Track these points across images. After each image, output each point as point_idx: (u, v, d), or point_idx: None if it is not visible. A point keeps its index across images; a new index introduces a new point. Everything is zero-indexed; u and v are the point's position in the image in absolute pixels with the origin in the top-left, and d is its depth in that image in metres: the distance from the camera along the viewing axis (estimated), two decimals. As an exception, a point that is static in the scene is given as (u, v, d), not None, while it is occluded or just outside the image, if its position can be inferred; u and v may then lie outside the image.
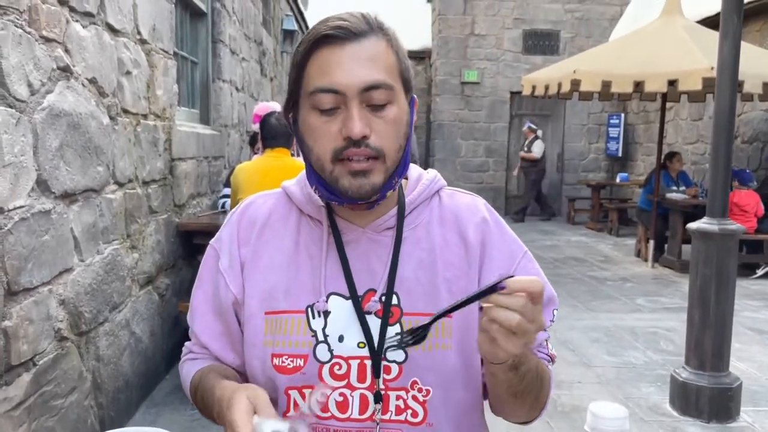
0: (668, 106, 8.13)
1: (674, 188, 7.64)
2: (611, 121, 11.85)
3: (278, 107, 3.62)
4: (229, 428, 0.80)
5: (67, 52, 2.39)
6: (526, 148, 11.19)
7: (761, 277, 6.85)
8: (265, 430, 0.78)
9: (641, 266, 7.61)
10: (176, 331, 3.96)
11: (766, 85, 6.03)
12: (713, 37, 5.90)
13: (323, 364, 0.97)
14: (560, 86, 6.81)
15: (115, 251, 2.93)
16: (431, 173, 1.09)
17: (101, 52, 2.73)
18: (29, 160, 2.12)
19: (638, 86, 6.37)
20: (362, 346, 0.97)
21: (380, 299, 0.98)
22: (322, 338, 0.97)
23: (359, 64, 0.90)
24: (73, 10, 2.44)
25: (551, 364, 1.07)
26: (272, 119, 3.42)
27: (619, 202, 10.93)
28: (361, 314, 0.97)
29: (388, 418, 0.96)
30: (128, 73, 3.07)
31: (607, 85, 6.41)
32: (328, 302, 0.98)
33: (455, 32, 12.03)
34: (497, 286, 0.78)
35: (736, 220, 4.65)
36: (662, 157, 7.66)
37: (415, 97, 1.00)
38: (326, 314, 0.98)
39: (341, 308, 0.98)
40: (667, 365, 4.11)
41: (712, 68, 5.48)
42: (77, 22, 2.49)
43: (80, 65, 2.52)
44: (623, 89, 6.48)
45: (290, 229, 1.04)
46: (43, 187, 2.22)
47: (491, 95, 12.11)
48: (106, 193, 2.82)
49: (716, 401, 3.32)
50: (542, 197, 11.76)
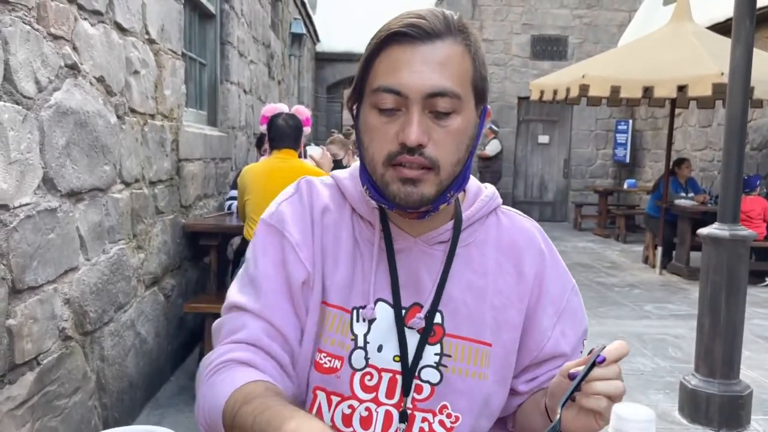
0: (677, 112, 8.09)
1: (683, 195, 7.60)
2: (619, 127, 11.81)
3: (286, 109, 3.61)
4: None
5: (75, 50, 2.39)
6: (483, 147, 11.05)
7: (770, 285, 6.80)
8: None
9: (649, 273, 7.57)
10: (181, 332, 3.94)
11: (776, 91, 5.99)
12: (723, 42, 5.88)
13: (356, 371, 0.92)
14: (568, 91, 6.78)
15: (120, 251, 2.92)
16: (490, 189, 1.04)
17: (109, 50, 2.72)
18: (35, 157, 2.10)
19: (647, 92, 6.34)
20: (397, 360, 0.93)
21: (425, 317, 0.93)
22: (361, 344, 0.93)
23: (428, 67, 0.85)
24: (81, 8, 2.43)
25: None
26: (279, 120, 3.41)
27: (626, 208, 10.88)
28: (401, 327, 0.93)
29: None
30: (136, 72, 3.06)
31: (615, 90, 6.37)
32: (375, 308, 0.93)
33: (463, 37, 12.01)
34: (596, 360, 0.79)
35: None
36: (671, 163, 7.62)
37: (488, 107, 0.95)
38: (371, 321, 0.93)
39: (386, 317, 0.94)
40: (675, 372, 4.07)
41: (722, 74, 5.46)
42: (85, 20, 2.48)
43: (88, 63, 2.51)
44: (632, 94, 6.45)
45: (346, 222, 0.98)
46: (49, 185, 2.20)
47: (499, 100, 12.09)
48: (112, 192, 2.80)
49: (726, 409, 3.27)
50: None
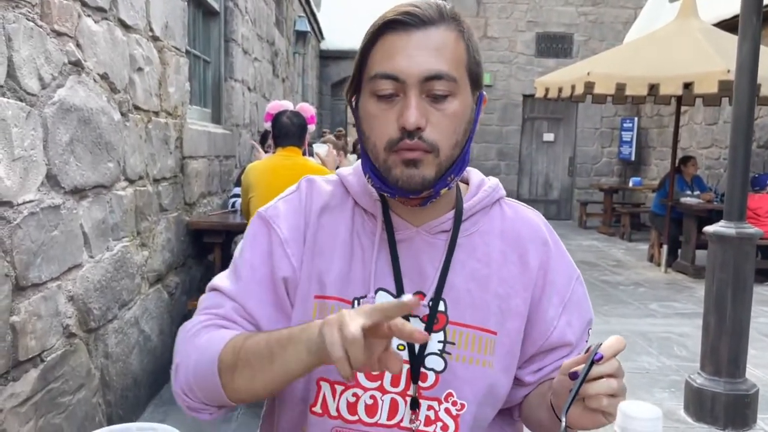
0: (683, 110, 8.06)
1: (688, 193, 7.56)
2: (624, 124, 11.76)
3: (291, 106, 3.60)
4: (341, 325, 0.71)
5: (78, 46, 2.38)
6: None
7: (776, 283, 6.76)
8: None
9: (654, 271, 7.54)
10: (185, 330, 3.94)
11: (783, 88, 5.95)
12: (730, 39, 5.84)
13: None
14: (573, 89, 6.75)
15: (124, 248, 2.91)
16: (493, 181, 1.05)
17: (113, 47, 2.72)
18: (39, 154, 2.10)
19: (653, 89, 6.31)
20: (402, 348, 0.94)
21: (429, 304, 0.94)
22: None
23: (424, 52, 0.87)
24: (85, 4, 2.43)
25: None
26: (284, 118, 3.40)
27: (631, 206, 10.84)
28: (405, 316, 0.92)
29: (417, 427, 0.93)
30: (140, 69, 3.06)
31: (621, 87, 6.34)
32: (376, 298, 0.94)
33: (468, 35, 11.98)
34: (594, 359, 0.78)
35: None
36: (677, 161, 7.59)
37: (484, 94, 0.96)
38: None
39: None
40: (681, 371, 4.06)
41: (728, 71, 5.43)
42: (89, 17, 2.48)
43: (92, 60, 2.50)
44: (637, 92, 6.42)
45: (346, 217, 1.00)
46: (52, 181, 2.20)
47: (504, 98, 12.06)
48: (116, 189, 2.80)
49: (732, 408, 3.26)
50: None
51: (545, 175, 12.42)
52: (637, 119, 11.53)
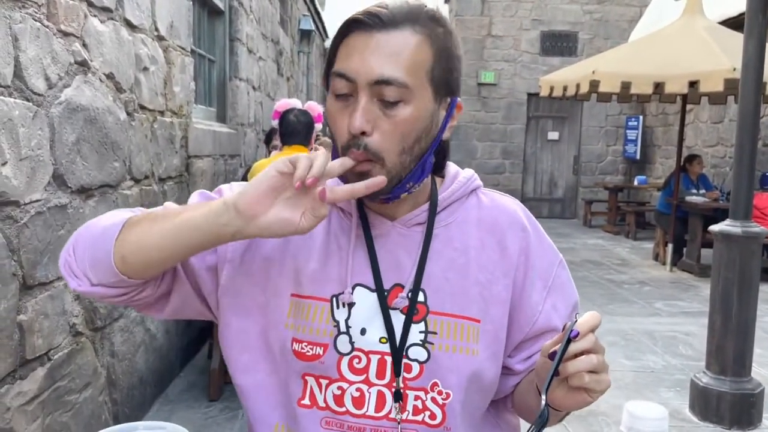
0: (688, 108, 8.03)
1: (694, 191, 7.54)
2: (629, 123, 11.73)
3: (299, 104, 3.60)
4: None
5: (84, 46, 2.39)
6: None
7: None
8: None
9: (659, 270, 7.52)
10: (191, 328, 3.95)
11: (789, 87, 5.93)
12: (735, 37, 5.82)
13: (343, 356, 0.94)
14: (578, 87, 6.73)
15: (130, 247, 2.92)
16: (468, 172, 1.05)
17: (119, 47, 2.72)
18: (46, 153, 2.11)
19: (658, 87, 6.28)
20: (384, 341, 0.94)
21: (407, 295, 0.95)
22: (344, 329, 0.94)
23: (379, 55, 0.86)
24: (91, 4, 2.44)
25: None
26: (291, 116, 3.41)
27: (636, 205, 10.80)
28: (385, 308, 0.94)
29: (405, 417, 0.94)
30: (145, 69, 3.07)
31: (626, 86, 6.32)
32: (353, 294, 0.95)
33: (472, 33, 11.97)
34: (570, 336, 0.78)
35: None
36: (682, 159, 7.57)
37: (457, 99, 0.95)
38: (351, 306, 0.95)
39: (366, 301, 0.95)
40: (686, 370, 4.05)
41: (734, 69, 5.40)
42: (95, 17, 2.48)
43: (98, 60, 2.51)
44: (643, 90, 6.40)
45: None
46: (59, 181, 2.21)
47: (508, 97, 12.04)
48: (122, 188, 2.81)
49: (738, 407, 3.25)
50: None
51: (550, 173, 12.40)
52: (642, 118, 11.50)
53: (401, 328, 0.94)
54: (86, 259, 0.92)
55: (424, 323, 0.95)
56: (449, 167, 1.05)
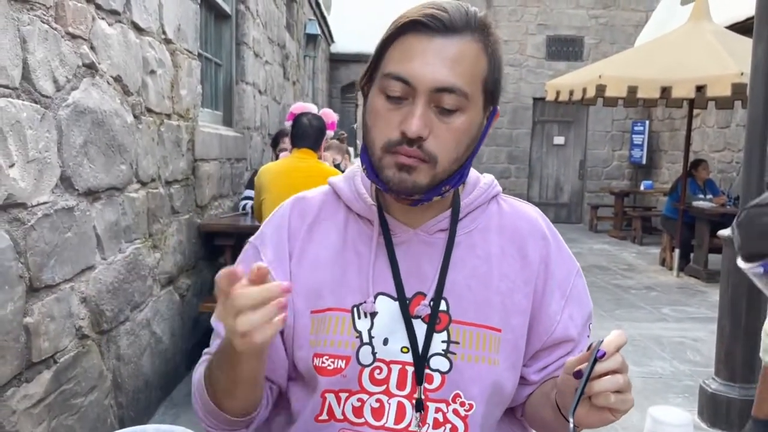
0: (695, 113, 8.01)
1: (701, 196, 7.51)
2: (635, 128, 11.70)
3: (314, 109, 3.60)
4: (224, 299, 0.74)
5: (92, 49, 2.39)
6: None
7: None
8: None
9: (666, 275, 7.48)
10: (196, 332, 3.94)
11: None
12: (743, 42, 5.80)
13: (364, 367, 0.92)
14: (585, 92, 6.72)
15: (137, 250, 2.92)
16: (488, 178, 1.04)
17: (126, 50, 2.73)
18: (53, 156, 2.11)
19: (665, 92, 6.27)
20: (405, 351, 0.92)
21: (429, 304, 0.93)
22: (367, 340, 0.92)
23: (441, 61, 0.84)
24: (99, 7, 2.44)
25: None
26: (304, 119, 3.42)
27: (642, 210, 10.77)
28: (407, 318, 0.92)
29: (425, 430, 0.91)
30: (153, 72, 3.07)
31: (633, 90, 6.31)
32: (375, 303, 0.93)
33: (478, 38, 11.95)
34: (597, 356, 0.77)
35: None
36: (689, 164, 7.54)
37: (497, 108, 0.94)
38: (373, 315, 0.92)
39: (388, 309, 0.93)
40: (694, 376, 4.02)
41: (741, 74, 5.38)
42: (103, 19, 2.48)
43: (105, 63, 2.51)
44: (649, 95, 6.38)
45: (338, 226, 0.99)
46: (66, 183, 2.21)
47: (514, 101, 12.03)
48: (128, 191, 2.81)
49: (747, 414, 3.20)
50: None
51: (555, 178, 12.38)
52: (648, 122, 11.47)
53: (423, 337, 0.92)
54: (222, 424, 0.94)
55: (446, 332, 0.93)
56: (470, 173, 1.03)
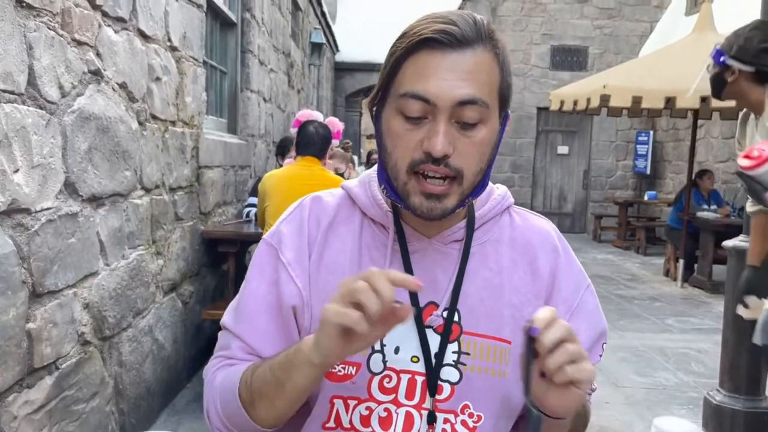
0: (699, 123, 8.00)
1: (705, 207, 7.49)
2: (639, 138, 11.70)
3: (321, 117, 3.61)
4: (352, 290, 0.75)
5: (98, 56, 2.40)
6: None
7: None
8: None
9: (670, 286, 7.46)
10: (199, 339, 3.94)
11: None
12: (748, 52, 5.79)
13: (374, 375, 0.91)
14: (589, 101, 6.73)
15: (140, 257, 2.92)
16: (502, 189, 1.03)
17: (132, 57, 2.74)
18: (58, 161, 2.11)
19: (669, 102, 6.26)
20: (415, 360, 0.91)
21: (442, 314, 0.92)
22: (378, 347, 0.92)
23: (458, 75, 0.83)
24: (105, 14, 2.45)
25: (591, 394, 1.03)
26: (310, 127, 3.43)
27: (646, 220, 10.75)
28: (421, 327, 0.91)
29: None
30: (158, 79, 3.08)
31: (637, 100, 6.31)
32: None
33: (482, 47, 11.98)
34: (531, 335, 0.75)
35: None
36: (693, 174, 7.53)
37: (509, 113, 0.94)
38: None
39: None
40: (699, 387, 3.99)
41: (746, 84, 5.37)
42: (109, 26, 2.50)
43: (111, 69, 2.52)
44: (654, 105, 6.38)
45: (353, 231, 0.97)
46: (70, 189, 2.21)
47: (518, 111, 12.04)
48: (132, 198, 2.81)
49: (752, 426, 3.19)
50: None
51: (559, 188, 12.37)
52: (652, 133, 11.46)
53: (436, 347, 0.91)
54: None
55: (457, 343, 0.92)
56: None
